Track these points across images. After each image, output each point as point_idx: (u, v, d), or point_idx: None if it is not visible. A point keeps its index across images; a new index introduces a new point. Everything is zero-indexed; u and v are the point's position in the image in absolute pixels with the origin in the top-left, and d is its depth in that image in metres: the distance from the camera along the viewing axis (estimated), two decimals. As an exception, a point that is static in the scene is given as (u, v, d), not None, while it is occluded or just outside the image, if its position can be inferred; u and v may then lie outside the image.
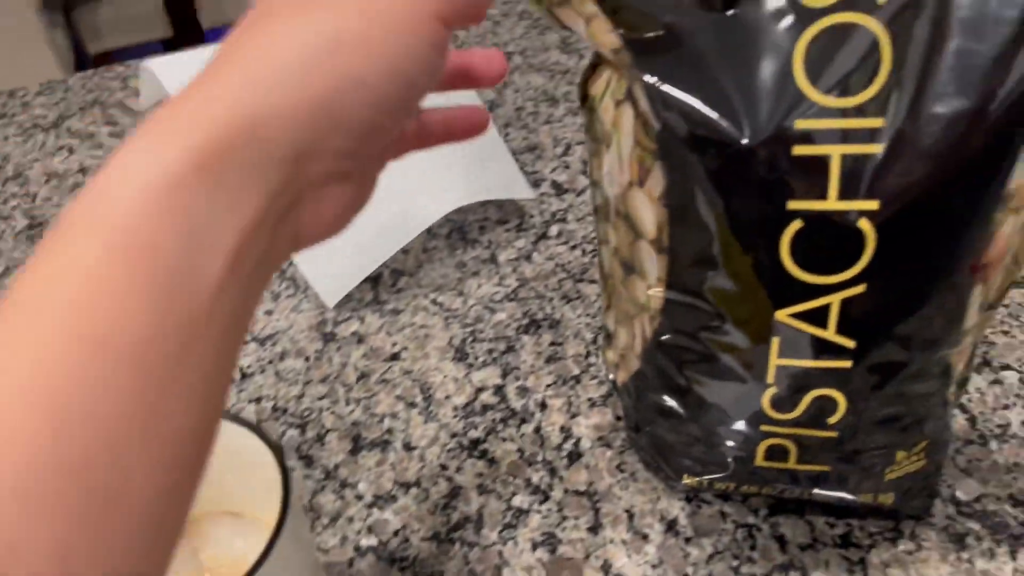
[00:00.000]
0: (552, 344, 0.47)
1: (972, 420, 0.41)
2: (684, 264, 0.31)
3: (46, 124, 0.70)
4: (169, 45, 2.83)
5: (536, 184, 0.60)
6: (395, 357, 0.47)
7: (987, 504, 0.37)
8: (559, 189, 0.59)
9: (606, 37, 0.29)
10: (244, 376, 0.47)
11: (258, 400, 0.45)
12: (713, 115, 0.27)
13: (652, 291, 0.33)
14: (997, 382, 0.42)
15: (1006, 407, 0.41)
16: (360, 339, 0.48)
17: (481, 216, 0.57)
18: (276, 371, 0.47)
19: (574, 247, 0.54)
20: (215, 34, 3.13)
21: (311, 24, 0.21)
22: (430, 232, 0.56)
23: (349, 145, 0.22)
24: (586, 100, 0.33)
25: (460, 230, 0.56)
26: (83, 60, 2.29)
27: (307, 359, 0.47)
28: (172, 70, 0.52)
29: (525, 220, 0.57)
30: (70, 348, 0.17)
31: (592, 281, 0.51)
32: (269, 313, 0.50)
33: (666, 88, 0.28)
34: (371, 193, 0.27)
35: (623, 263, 0.34)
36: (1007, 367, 0.43)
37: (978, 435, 0.40)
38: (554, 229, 0.56)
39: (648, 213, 0.31)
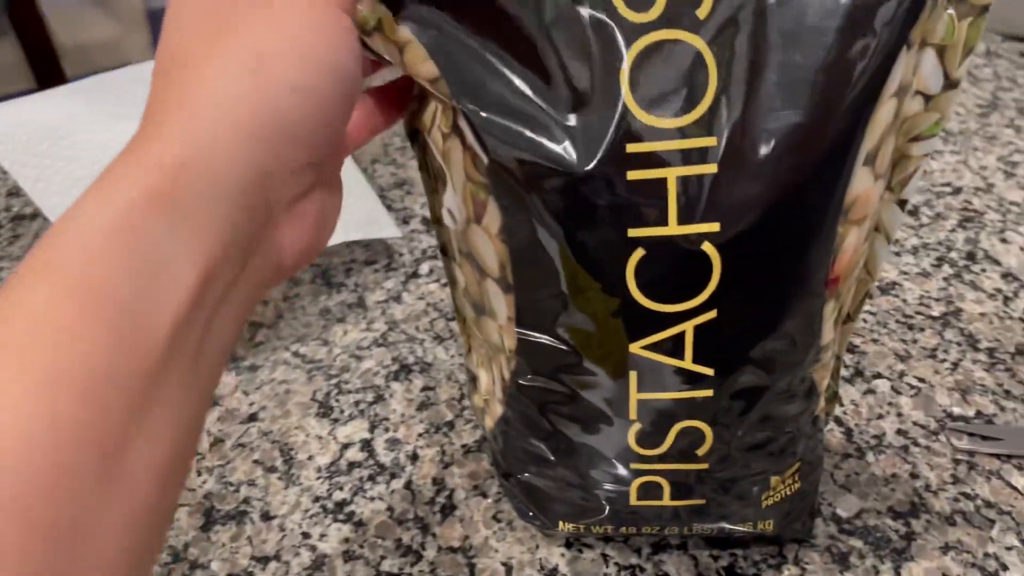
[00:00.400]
0: (424, 389, 0.44)
1: (848, 433, 0.40)
2: (532, 302, 0.29)
3: None
4: (34, 95, 2.68)
5: (405, 221, 0.57)
6: (253, 418, 0.43)
7: (868, 519, 0.36)
8: (429, 225, 0.57)
9: (423, 66, 0.27)
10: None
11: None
12: (541, 143, 0.26)
13: (504, 332, 0.31)
14: (870, 392, 0.42)
15: (880, 417, 0.41)
16: (215, 401, 0.44)
17: (347, 258, 0.54)
18: (120, 446, 0.42)
19: (446, 284, 0.52)
20: (84, 81, 2.97)
21: (228, 53, 0.21)
22: (291, 279, 0.52)
23: (307, 154, 0.23)
24: (415, 135, 0.31)
25: (324, 274, 0.53)
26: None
27: (155, 429, 0.43)
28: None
29: (394, 259, 0.54)
30: (24, 390, 0.17)
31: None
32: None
33: (489, 116, 0.26)
34: (339, 194, 0.27)
35: (473, 304, 0.32)
36: (879, 375, 0.43)
37: (855, 448, 0.40)
38: (425, 267, 0.53)
39: (489, 251, 0.29)
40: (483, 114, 0.26)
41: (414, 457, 0.41)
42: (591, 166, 0.25)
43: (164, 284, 0.19)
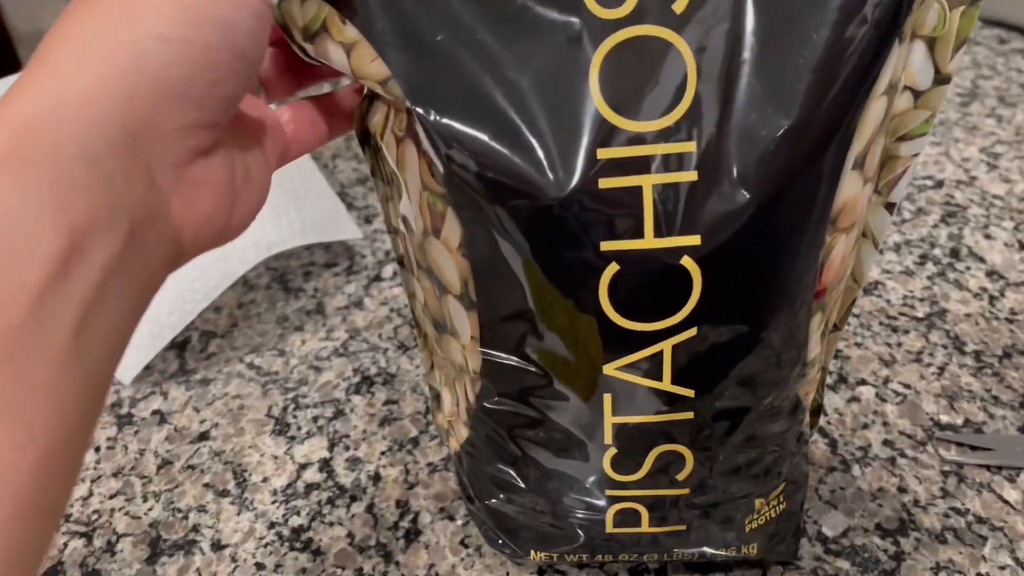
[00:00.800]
0: (387, 403, 0.42)
1: (833, 444, 0.38)
2: (497, 320, 0.27)
3: None
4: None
5: (368, 220, 0.55)
6: (204, 437, 0.41)
7: (855, 538, 0.35)
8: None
9: (371, 67, 0.24)
10: (19, 480, 0.39)
11: (35, 509, 0.38)
12: (503, 150, 0.23)
13: (468, 352, 0.28)
14: (855, 399, 0.40)
15: (865, 426, 0.39)
16: (162, 419, 0.42)
17: (306, 260, 0.51)
18: (60, 469, 0.40)
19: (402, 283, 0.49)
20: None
21: (100, 4, 0.19)
22: (246, 283, 0.50)
23: (191, 114, 0.20)
24: (366, 138, 0.28)
25: (281, 278, 0.50)
26: None
27: (97, 450, 0.40)
28: None
29: (356, 261, 0.51)
30: None
31: (430, 325, 0.47)
32: (53, 398, 0.43)
33: (446, 121, 0.23)
34: (262, 169, 0.25)
35: (434, 321, 0.29)
36: (863, 382, 0.41)
37: (840, 460, 0.38)
38: (388, 270, 0.51)
39: (449, 265, 0.26)
40: (439, 118, 0.23)
41: (376, 478, 0.38)
42: (558, 174, 0.23)
43: (19, 250, 0.17)
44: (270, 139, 0.26)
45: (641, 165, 0.23)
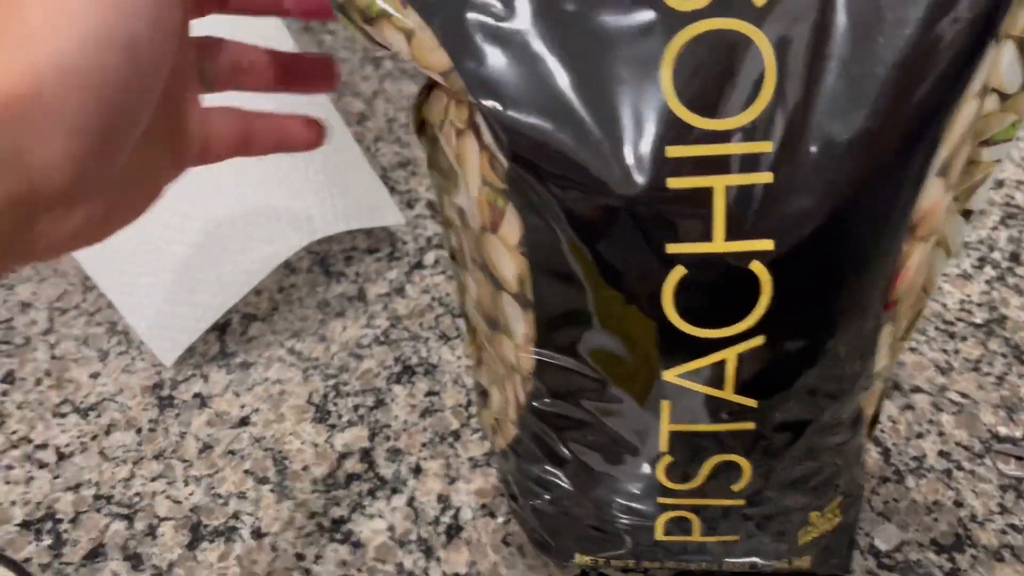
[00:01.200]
0: (428, 394, 0.41)
1: (886, 453, 0.37)
2: (554, 321, 0.26)
3: None
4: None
5: (410, 205, 0.54)
6: (244, 422, 0.40)
7: (909, 553, 0.33)
8: (435, 210, 0.54)
9: (433, 56, 0.23)
10: (61, 458, 0.39)
11: (76, 487, 0.38)
12: (569, 145, 0.22)
13: (521, 351, 0.27)
14: (909, 407, 0.39)
15: (920, 436, 0.38)
16: (203, 402, 0.41)
17: (348, 245, 0.51)
18: (101, 449, 0.40)
19: (453, 277, 0.49)
20: None
21: None
22: (287, 266, 0.49)
23: (79, 145, 0.19)
24: (423, 128, 0.27)
25: (322, 262, 0.50)
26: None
27: (139, 431, 0.40)
28: None
29: (397, 247, 0.51)
30: None
31: (472, 315, 0.46)
32: (95, 376, 0.43)
33: (511, 114, 0.23)
34: (146, 202, 0.24)
35: (486, 318, 0.29)
36: (918, 389, 0.40)
37: (893, 471, 0.36)
38: (430, 256, 0.50)
39: (507, 263, 0.26)
40: (504, 111, 0.23)
41: (417, 470, 0.38)
42: (626, 172, 0.22)
43: None
44: (178, 145, 0.25)
45: (713, 165, 0.22)
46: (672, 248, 0.23)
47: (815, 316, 0.24)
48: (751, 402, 0.25)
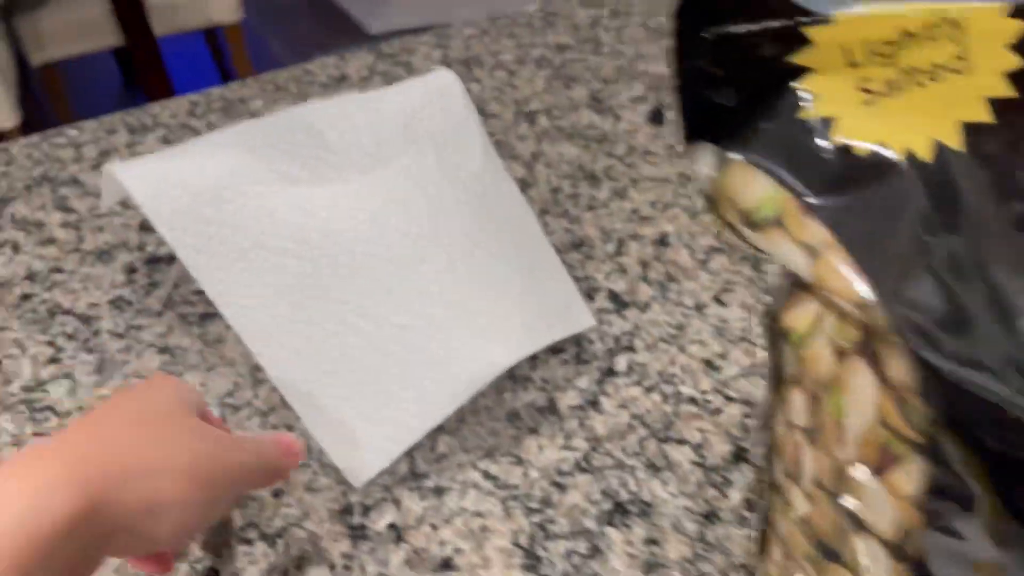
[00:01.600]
0: (647, 541, 0.37)
1: None
2: (938, 582, 0.21)
3: (-18, 210, 0.58)
4: (121, 54, 2.65)
5: (589, 295, 0.50)
6: (447, 565, 0.37)
7: None
8: (619, 303, 0.49)
9: (845, 285, 0.19)
10: (252, 597, 0.36)
11: (274, 638, 0.35)
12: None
13: (875, 601, 0.23)
14: None
15: None
16: (399, 535, 0.38)
17: (529, 342, 0.47)
18: (293, 587, 0.36)
19: (650, 389, 0.44)
20: (169, 42, 2.96)
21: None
22: (470, 368, 0.45)
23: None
24: (774, 327, 0.23)
25: (506, 363, 0.46)
26: (27, 73, 2.12)
27: (332, 568, 0.37)
28: (137, 176, 0.41)
29: (584, 348, 0.47)
30: None
31: (680, 441, 0.42)
32: (278, 495, 0.40)
33: (957, 371, 0.18)
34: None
35: (818, 543, 0.24)
36: None
37: None
38: (621, 362, 0.46)
39: (886, 510, 0.21)
40: (949, 366, 0.18)
41: (650, 643, 0.34)
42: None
43: None
44: None
45: None
46: None
47: None
48: None
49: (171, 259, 0.53)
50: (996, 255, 0.18)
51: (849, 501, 0.22)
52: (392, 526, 0.38)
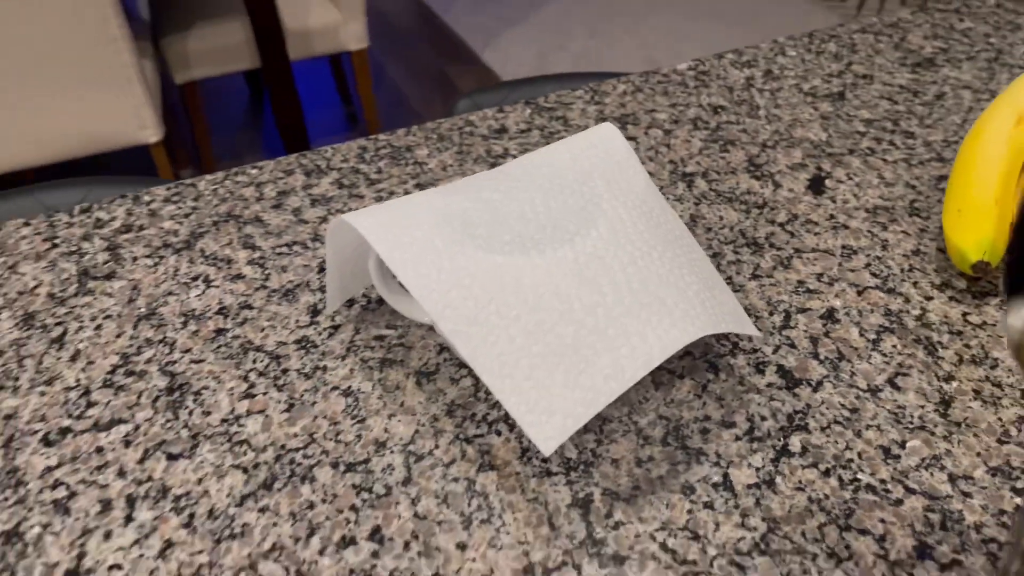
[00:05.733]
0: (831, 634, 0.37)
1: None
2: None
3: (177, 243, 0.63)
4: (253, 76, 2.79)
5: (759, 370, 0.50)
6: (632, 637, 0.38)
7: None
8: (789, 379, 0.50)
9: None
10: (444, 649, 0.38)
11: None
12: None
13: None
14: None
15: None
16: (582, 603, 0.39)
17: (699, 414, 0.48)
18: (483, 644, 0.38)
19: (827, 472, 0.44)
20: (300, 66, 3.10)
21: None
22: (642, 436, 0.46)
23: None
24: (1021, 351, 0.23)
25: (676, 433, 0.47)
26: (168, 90, 2.26)
27: (519, 628, 0.38)
28: (379, 229, 0.45)
29: (756, 424, 0.47)
30: None
31: (862, 531, 0.41)
32: (462, 548, 0.41)
33: None
34: None
35: None
36: None
37: None
38: (795, 442, 0.46)
39: None
40: None
41: None
42: None
43: None
44: None
45: None
46: None
47: None
48: None
49: (350, 303, 0.56)
50: None
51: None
52: (575, 592, 0.40)
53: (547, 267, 0.44)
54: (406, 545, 0.42)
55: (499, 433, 0.47)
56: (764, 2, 3.45)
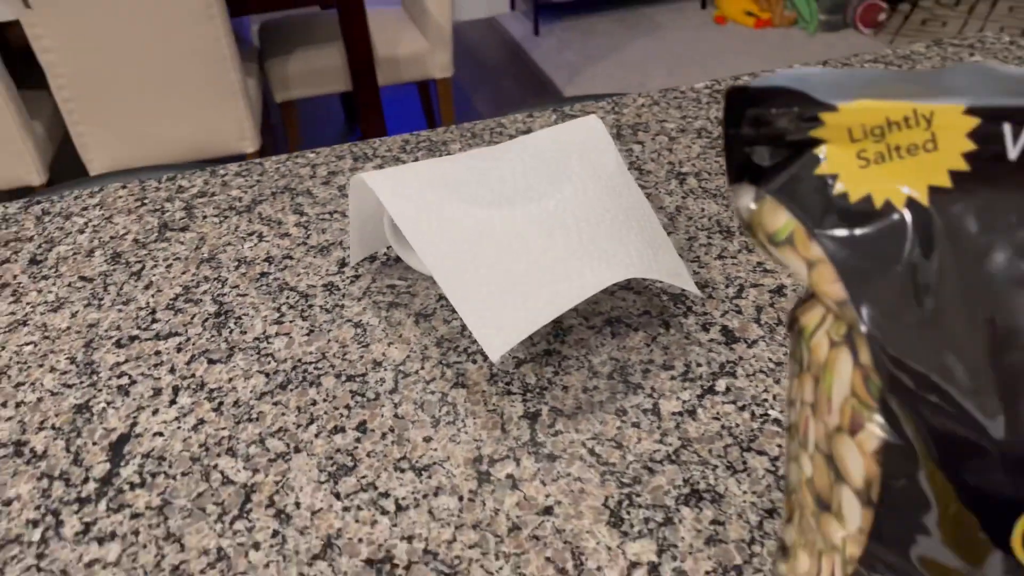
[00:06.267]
0: (713, 522, 0.45)
1: None
2: (894, 524, 0.28)
3: (240, 207, 0.75)
4: (345, 98, 3.00)
5: (705, 328, 0.58)
6: (548, 511, 0.46)
7: None
8: (729, 337, 0.57)
9: (830, 287, 0.27)
10: (399, 509, 0.47)
11: (409, 539, 0.45)
12: (953, 393, 0.25)
13: (850, 540, 0.30)
14: None
15: None
16: (514, 484, 0.48)
17: (645, 357, 0.56)
18: (430, 508, 0.47)
19: (743, 407, 0.52)
20: (387, 90, 3.29)
21: None
22: (592, 371, 0.55)
23: None
24: (793, 325, 0.31)
25: (622, 371, 0.55)
26: (268, 108, 2.47)
27: (460, 499, 0.47)
28: (385, 184, 0.55)
29: (692, 369, 0.55)
30: None
31: (760, 452, 0.49)
32: (427, 440, 0.51)
33: (900, 355, 0.26)
34: None
35: (817, 498, 0.32)
36: None
37: None
38: (721, 383, 0.54)
39: (857, 464, 0.29)
40: (894, 349, 0.26)
41: (700, 596, 0.41)
42: (1015, 434, 0.24)
43: None
44: None
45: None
46: (1032, 495, 0.25)
47: None
48: (1085, 647, 0.26)
49: (372, 258, 0.67)
50: (933, 271, 0.25)
51: (834, 457, 0.29)
52: (510, 476, 0.48)
53: (514, 218, 0.53)
54: (383, 435, 0.52)
55: (475, 362, 0.56)
56: (825, 43, 3.47)
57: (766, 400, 0.52)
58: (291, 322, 0.61)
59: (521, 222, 0.53)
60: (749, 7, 3.81)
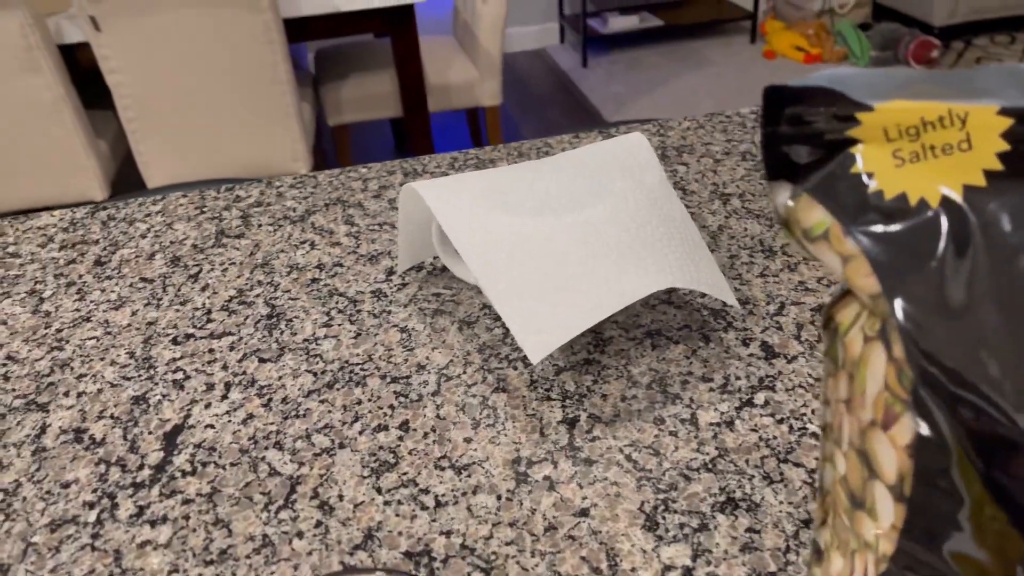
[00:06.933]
0: (748, 530, 0.45)
1: None
2: (926, 520, 0.29)
3: (294, 217, 0.78)
4: (396, 123, 3.06)
5: (745, 343, 0.58)
6: (584, 513, 0.47)
7: None
8: (769, 352, 0.57)
9: (864, 281, 0.28)
10: (439, 505, 0.48)
11: (448, 534, 0.46)
12: (985, 389, 0.26)
13: (882, 537, 0.30)
14: None
15: None
16: (551, 485, 0.49)
17: (684, 370, 0.56)
18: (468, 505, 0.48)
19: (780, 421, 0.52)
20: (437, 116, 3.35)
21: None
22: (631, 380, 0.56)
23: None
24: (828, 323, 0.32)
25: (661, 381, 0.55)
26: (321, 131, 2.54)
27: (499, 497, 0.48)
28: (435, 192, 0.57)
29: (731, 382, 0.55)
30: None
31: (797, 464, 0.49)
32: (468, 441, 0.52)
33: (932, 349, 0.26)
34: None
35: (851, 495, 0.32)
36: None
37: None
38: (760, 397, 0.54)
39: (890, 459, 0.29)
40: (928, 343, 0.26)
41: (733, 601, 0.41)
42: (1036, 419, 0.25)
43: None
44: None
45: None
46: (1065, 489, 0.25)
47: None
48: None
49: (418, 268, 0.69)
50: (968, 273, 0.26)
51: (868, 452, 0.30)
52: (547, 478, 0.49)
53: (556, 228, 0.55)
54: (425, 435, 0.53)
55: (516, 368, 0.58)
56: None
57: (804, 414, 0.52)
58: (339, 325, 0.63)
59: (564, 231, 0.55)
60: (799, 42, 3.81)
